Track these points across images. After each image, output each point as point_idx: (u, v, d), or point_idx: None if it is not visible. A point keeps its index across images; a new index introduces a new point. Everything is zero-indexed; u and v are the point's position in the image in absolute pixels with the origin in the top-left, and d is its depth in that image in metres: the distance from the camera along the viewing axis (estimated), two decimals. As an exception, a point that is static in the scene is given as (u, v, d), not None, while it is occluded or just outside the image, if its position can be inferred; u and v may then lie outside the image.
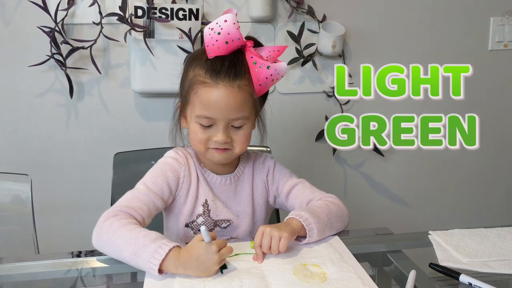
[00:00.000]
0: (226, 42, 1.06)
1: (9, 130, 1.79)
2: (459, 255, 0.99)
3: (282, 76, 1.11)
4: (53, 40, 1.67)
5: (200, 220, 1.17)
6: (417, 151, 2.03)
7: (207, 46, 1.07)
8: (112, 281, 0.99)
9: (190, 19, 1.71)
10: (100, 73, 1.75)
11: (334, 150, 1.95)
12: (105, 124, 1.83)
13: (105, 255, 1.01)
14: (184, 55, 1.71)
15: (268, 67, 1.07)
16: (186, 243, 0.97)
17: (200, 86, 1.08)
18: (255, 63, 1.07)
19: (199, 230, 1.15)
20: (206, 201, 1.18)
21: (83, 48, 1.70)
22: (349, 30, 1.87)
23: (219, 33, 1.06)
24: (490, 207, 2.09)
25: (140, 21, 1.69)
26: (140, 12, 1.68)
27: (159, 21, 1.69)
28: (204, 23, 1.75)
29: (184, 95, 1.14)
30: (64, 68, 1.71)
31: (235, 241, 1.11)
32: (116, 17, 1.67)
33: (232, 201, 1.20)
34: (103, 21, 1.69)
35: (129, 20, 1.67)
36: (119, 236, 0.97)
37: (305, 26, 1.83)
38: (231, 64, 1.08)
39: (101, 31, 1.69)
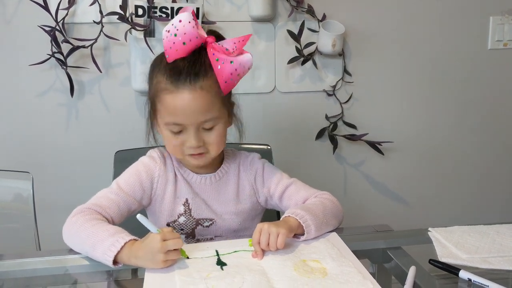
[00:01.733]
0: (184, 43, 1.03)
1: (10, 129, 1.79)
2: (459, 251, 0.99)
3: (248, 69, 1.07)
4: (54, 39, 1.67)
5: (182, 219, 1.17)
6: (417, 150, 2.05)
7: (166, 50, 1.05)
8: (112, 278, 0.99)
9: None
10: (100, 72, 1.76)
11: (334, 148, 1.96)
12: (106, 123, 1.83)
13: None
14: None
15: (231, 62, 1.04)
16: None
17: (163, 94, 1.06)
18: (218, 59, 1.04)
19: (181, 230, 1.17)
20: (186, 200, 1.17)
21: (83, 47, 1.71)
22: (349, 29, 1.88)
23: (175, 35, 1.03)
24: (490, 206, 2.10)
25: (140, 20, 1.69)
26: (140, 11, 1.69)
27: (160, 20, 1.69)
28: (205, 22, 1.76)
29: (151, 103, 1.13)
30: (64, 67, 1.71)
31: (219, 239, 1.12)
32: (117, 16, 1.67)
33: (215, 201, 1.19)
34: (104, 20, 1.69)
35: (129, 19, 1.68)
36: (82, 231, 1.00)
37: (305, 25, 1.83)
38: (191, 65, 1.04)
39: (101, 30, 1.69)
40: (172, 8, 1.69)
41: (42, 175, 1.77)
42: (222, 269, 0.93)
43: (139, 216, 0.95)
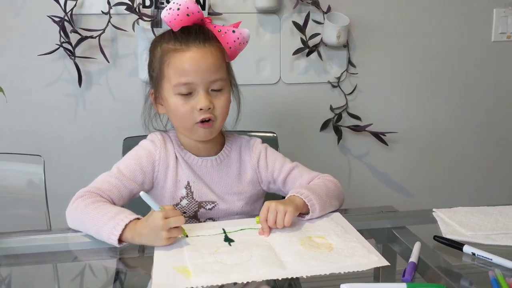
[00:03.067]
0: (188, 15, 1.09)
1: (19, 118, 1.81)
2: (463, 229, 1.01)
3: (247, 42, 1.15)
4: (63, 29, 1.70)
5: (184, 202, 1.19)
6: (421, 141, 2.07)
7: (169, 22, 1.10)
8: (119, 255, 1.01)
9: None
10: (108, 62, 1.78)
11: (339, 139, 1.97)
12: (113, 112, 1.85)
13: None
14: (191, 45, 1.74)
15: (233, 31, 1.11)
16: None
17: (172, 54, 1.10)
18: (220, 30, 1.12)
19: (184, 212, 1.18)
20: (188, 183, 1.19)
21: (91, 37, 1.73)
22: (353, 21, 1.90)
23: (178, 9, 1.08)
24: (493, 196, 2.11)
25: (147, 11, 1.72)
26: (147, 2, 1.71)
27: (167, 11, 1.71)
28: (211, 13, 1.78)
29: (156, 75, 1.15)
30: (73, 57, 1.73)
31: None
32: (124, 7, 1.69)
33: (216, 183, 1.21)
34: (112, 11, 1.71)
35: (137, 10, 1.70)
36: (85, 216, 1.02)
37: (310, 16, 1.85)
38: (198, 30, 1.11)
39: (109, 21, 1.72)
40: (179, -1, 1.72)
41: (51, 163, 1.79)
42: (230, 245, 0.95)
43: (142, 194, 0.96)
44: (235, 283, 0.83)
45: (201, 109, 1.10)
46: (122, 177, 1.14)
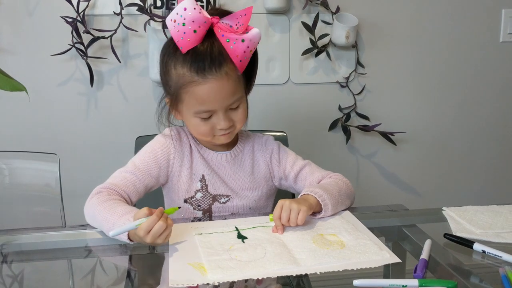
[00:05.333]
0: (195, 31, 1.03)
1: (32, 118, 1.84)
2: (473, 227, 1.02)
3: (257, 43, 1.08)
4: (75, 30, 1.72)
5: (199, 195, 1.20)
6: (429, 141, 2.07)
7: (177, 41, 1.05)
8: (132, 251, 1.03)
9: (207, 9, 1.75)
10: (120, 62, 1.80)
11: (347, 139, 1.99)
12: (124, 112, 1.88)
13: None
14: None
15: (242, 40, 1.05)
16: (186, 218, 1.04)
17: (191, 85, 1.07)
18: (228, 40, 1.05)
19: (198, 206, 1.20)
20: (203, 176, 1.20)
21: (103, 38, 1.75)
22: (362, 21, 1.91)
23: (183, 24, 1.03)
24: (502, 196, 2.12)
25: (159, 12, 1.74)
26: (159, 3, 1.73)
27: (178, 12, 1.73)
28: (221, 14, 1.80)
29: (173, 94, 1.12)
30: (85, 58, 1.76)
31: (235, 217, 1.14)
32: (136, 8, 1.72)
33: (231, 178, 1.22)
34: (123, 11, 1.74)
35: (148, 10, 1.72)
36: (98, 214, 1.04)
37: (319, 17, 1.87)
38: (211, 51, 1.05)
39: (121, 22, 1.74)
40: (189, 0, 1.73)
41: (65, 161, 1.81)
42: (243, 242, 0.97)
43: (111, 234, 0.96)
44: (246, 280, 0.84)
45: (221, 129, 1.13)
46: (137, 172, 1.15)
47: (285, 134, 1.56)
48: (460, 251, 0.96)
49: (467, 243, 0.95)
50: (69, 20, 1.71)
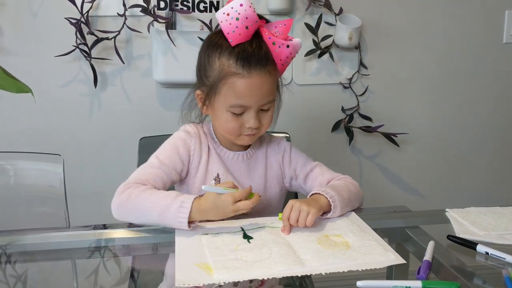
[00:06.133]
0: (246, 27, 1.06)
1: (35, 119, 1.85)
2: (476, 229, 1.02)
3: (298, 52, 1.14)
4: (79, 31, 1.73)
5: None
6: (432, 142, 2.07)
7: (228, 34, 1.07)
8: (138, 252, 1.04)
9: (210, 11, 1.76)
10: (123, 63, 1.81)
11: (350, 140, 1.99)
12: (128, 113, 1.88)
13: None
14: (204, 46, 1.76)
15: (287, 46, 1.09)
16: None
17: (233, 77, 1.09)
18: (274, 43, 1.09)
19: None
20: (218, 175, 1.21)
21: (107, 39, 1.76)
22: (365, 23, 1.91)
23: (237, 19, 1.05)
24: (507, 198, 2.11)
25: (162, 13, 1.74)
26: (162, 4, 1.74)
27: (181, 13, 1.74)
28: (224, 15, 1.80)
29: (210, 86, 1.13)
30: (89, 59, 1.76)
31: (245, 217, 1.14)
32: (140, 9, 1.72)
33: (245, 178, 1.23)
34: (127, 13, 1.74)
35: (152, 12, 1.73)
36: (140, 202, 1.04)
37: (322, 18, 1.87)
38: (259, 49, 1.08)
39: (124, 23, 1.74)
40: (193, 1, 1.74)
41: (68, 162, 1.82)
42: (249, 242, 0.98)
43: (204, 187, 1.03)
44: (251, 281, 0.85)
45: (249, 127, 1.14)
46: (164, 167, 1.16)
47: (288, 135, 1.56)
48: (463, 252, 0.96)
49: (470, 245, 0.95)
50: (73, 21, 1.72)
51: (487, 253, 0.92)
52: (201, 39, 1.77)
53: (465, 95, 2.06)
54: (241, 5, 1.06)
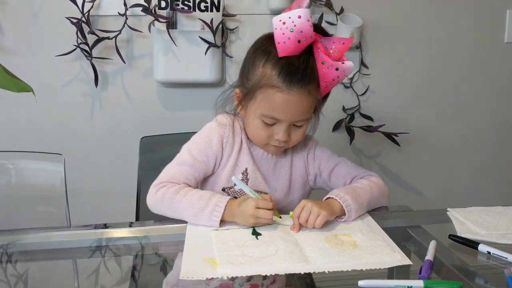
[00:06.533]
0: (299, 41, 1.02)
1: (38, 118, 1.85)
2: (477, 228, 1.02)
3: (346, 76, 1.08)
4: (80, 31, 1.73)
5: (237, 187, 1.20)
6: (433, 142, 2.07)
7: (278, 43, 1.04)
8: (139, 252, 1.04)
9: (211, 10, 1.76)
10: (124, 63, 1.80)
11: (351, 140, 1.99)
12: (128, 112, 1.88)
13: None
14: (205, 46, 1.76)
15: (336, 69, 1.04)
16: None
17: (272, 89, 1.06)
18: (324, 62, 1.04)
19: (234, 197, 1.19)
20: (246, 169, 1.20)
21: (108, 38, 1.76)
22: (366, 22, 1.91)
23: (291, 30, 1.01)
24: (509, 198, 2.11)
25: (163, 12, 1.74)
26: (163, 4, 1.73)
27: (182, 12, 1.74)
28: (225, 14, 1.80)
29: (249, 89, 1.11)
30: (90, 58, 1.76)
31: None
32: (141, 8, 1.72)
33: (271, 176, 1.23)
34: (128, 12, 1.74)
35: (153, 11, 1.72)
36: (175, 204, 1.07)
37: (323, 18, 1.87)
38: (305, 67, 1.04)
39: (125, 22, 1.74)
40: (194, 0, 1.74)
41: (69, 161, 1.82)
42: (257, 238, 0.98)
43: (234, 179, 1.09)
44: (264, 278, 0.86)
45: (277, 139, 1.13)
46: (197, 164, 1.16)
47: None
48: (465, 252, 0.95)
49: (472, 244, 0.95)
50: (74, 20, 1.72)
51: (489, 252, 0.92)
52: (202, 38, 1.77)
53: (466, 94, 2.06)
54: (299, 17, 1.01)
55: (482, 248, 0.93)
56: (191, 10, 1.74)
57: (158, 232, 1.08)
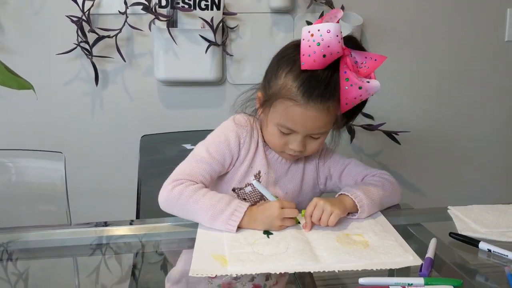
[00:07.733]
0: (324, 56, 0.99)
1: (37, 117, 1.85)
2: (478, 226, 1.02)
3: (370, 95, 1.05)
4: (80, 29, 1.73)
5: (248, 189, 1.19)
6: (434, 140, 2.07)
7: (303, 55, 1.01)
8: (143, 249, 1.04)
9: (212, 9, 1.76)
10: (124, 61, 1.80)
11: (352, 138, 1.99)
12: (129, 111, 1.88)
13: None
14: (206, 45, 1.76)
15: (360, 88, 1.01)
16: None
17: (290, 102, 1.04)
18: (347, 79, 1.01)
19: (244, 199, 1.19)
20: (259, 172, 1.19)
21: (108, 37, 1.76)
22: (366, 21, 1.91)
23: (318, 44, 0.98)
24: (510, 196, 2.11)
25: (163, 11, 1.74)
26: (164, 2, 1.73)
27: (182, 11, 1.74)
28: (226, 13, 1.80)
29: (269, 96, 1.10)
30: (90, 57, 1.76)
31: None
32: (141, 7, 1.72)
33: (284, 179, 1.21)
34: (128, 11, 1.74)
35: (153, 10, 1.73)
36: (192, 204, 1.04)
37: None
38: (326, 84, 1.02)
39: (126, 21, 1.74)
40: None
41: (70, 159, 1.82)
42: (268, 237, 0.98)
43: (255, 182, 1.08)
44: (267, 279, 0.85)
45: (292, 149, 1.11)
46: (213, 162, 1.13)
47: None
48: (465, 250, 0.95)
49: (473, 242, 0.95)
50: (74, 19, 1.72)
51: (489, 250, 0.92)
52: (202, 37, 1.77)
53: (466, 93, 2.06)
54: (329, 31, 0.98)
55: (482, 246, 0.93)
56: (192, 8, 1.74)
57: (159, 230, 1.08)
